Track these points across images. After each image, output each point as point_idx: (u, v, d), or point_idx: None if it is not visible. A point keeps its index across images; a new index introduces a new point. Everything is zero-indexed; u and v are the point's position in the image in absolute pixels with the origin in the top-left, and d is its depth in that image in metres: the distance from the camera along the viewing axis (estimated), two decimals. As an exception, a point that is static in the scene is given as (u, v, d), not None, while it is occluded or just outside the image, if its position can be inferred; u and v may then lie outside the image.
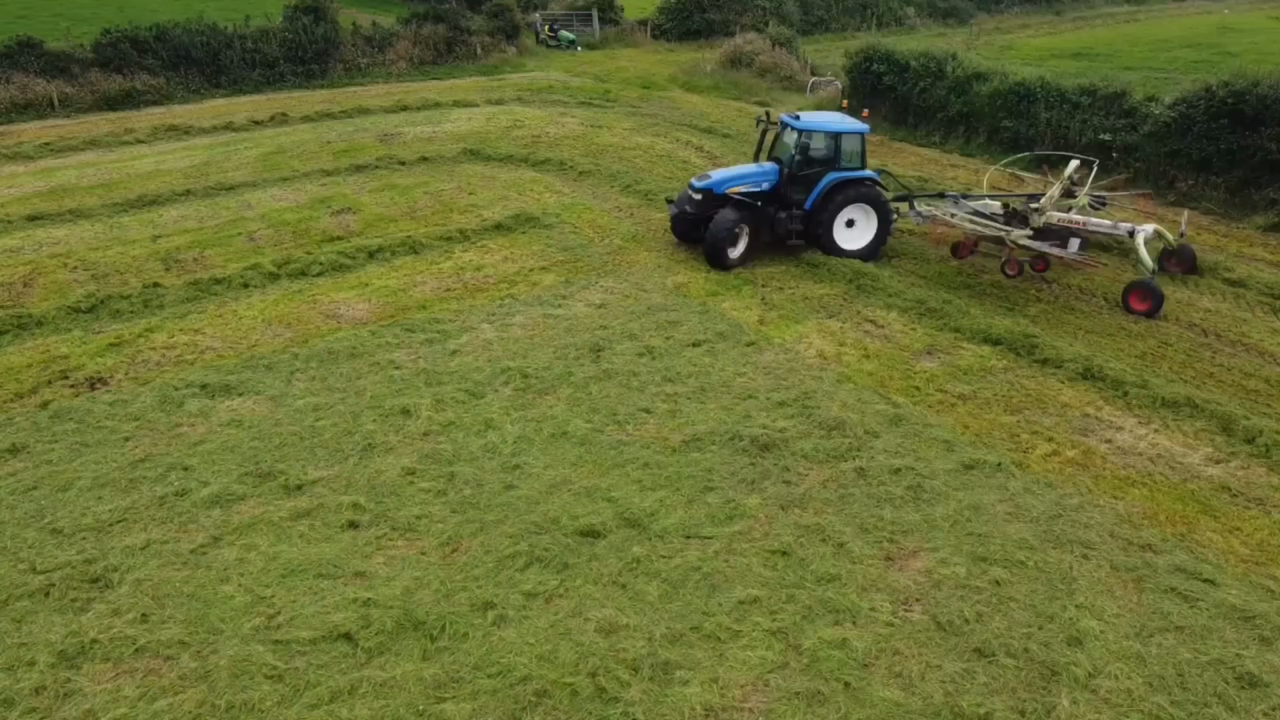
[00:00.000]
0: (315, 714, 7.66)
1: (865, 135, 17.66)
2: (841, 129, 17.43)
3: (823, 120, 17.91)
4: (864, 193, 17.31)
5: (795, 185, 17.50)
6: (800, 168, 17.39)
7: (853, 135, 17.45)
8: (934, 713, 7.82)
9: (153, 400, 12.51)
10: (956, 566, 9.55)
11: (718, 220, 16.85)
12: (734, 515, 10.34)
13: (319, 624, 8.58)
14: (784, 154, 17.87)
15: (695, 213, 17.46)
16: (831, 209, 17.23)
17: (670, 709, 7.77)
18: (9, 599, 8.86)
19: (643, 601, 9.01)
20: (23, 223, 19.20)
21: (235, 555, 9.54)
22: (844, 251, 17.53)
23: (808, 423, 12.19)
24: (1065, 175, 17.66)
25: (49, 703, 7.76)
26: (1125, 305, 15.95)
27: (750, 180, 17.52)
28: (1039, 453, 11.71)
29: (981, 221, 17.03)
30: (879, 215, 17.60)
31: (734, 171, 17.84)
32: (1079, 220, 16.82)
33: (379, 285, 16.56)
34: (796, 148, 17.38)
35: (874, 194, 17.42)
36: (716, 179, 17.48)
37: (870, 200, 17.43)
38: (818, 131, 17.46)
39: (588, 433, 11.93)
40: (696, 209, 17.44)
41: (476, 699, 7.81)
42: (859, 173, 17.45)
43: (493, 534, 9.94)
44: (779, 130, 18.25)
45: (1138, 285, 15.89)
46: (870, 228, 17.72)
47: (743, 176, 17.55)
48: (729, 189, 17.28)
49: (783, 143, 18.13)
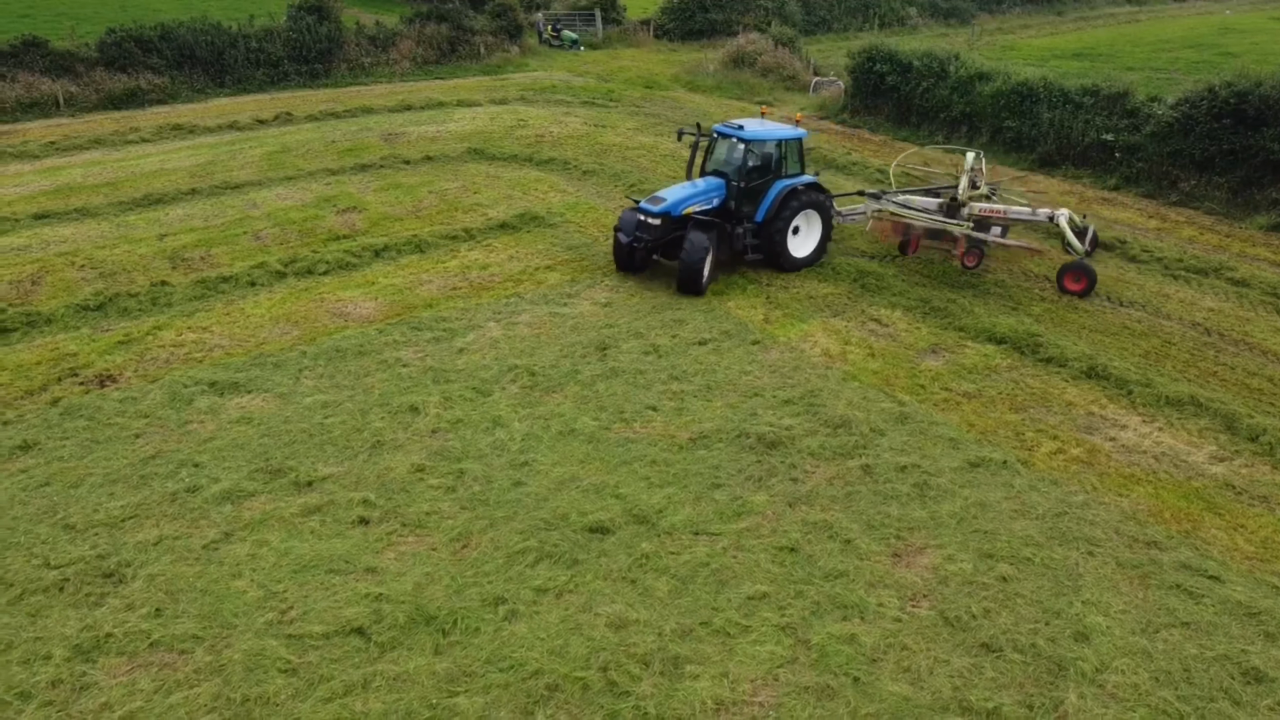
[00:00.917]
0: (329, 707, 7.72)
1: (803, 140, 17.48)
2: (785, 136, 16.99)
3: (767, 129, 17.05)
4: (810, 199, 16.93)
5: (744, 198, 16.75)
6: (750, 179, 16.66)
7: (793, 142, 17.13)
8: (942, 707, 7.88)
9: (162, 398, 12.58)
10: (963, 563, 9.62)
11: (692, 243, 15.77)
12: (741, 512, 10.40)
13: (331, 619, 8.65)
14: (727, 167, 17.09)
15: (653, 239, 16.28)
16: (784, 219, 16.69)
17: (681, 703, 7.83)
18: (24, 594, 8.92)
19: (652, 597, 9.07)
20: (30, 221, 19.26)
21: (247, 551, 9.61)
22: (796, 261, 17.14)
23: (814, 420, 12.26)
24: (968, 166, 17.99)
25: (65, 696, 7.82)
26: (1060, 287, 16.61)
27: (701, 198, 16.54)
28: (1044, 450, 11.78)
29: (933, 218, 17.18)
30: (822, 219, 17.28)
31: (683, 191, 16.68)
32: (1000, 209, 17.34)
33: (385, 284, 16.62)
34: (744, 159, 16.59)
35: (818, 199, 17.08)
36: (672, 200, 16.29)
37: (815, 205, 17.07)
38: (765, 141, 16.82)
39: (595, 430, 12.00)
40: (654, 235, 16.24)
41: (489, 693, 7.88)
42: (802, 178, 17.06)
43: (502, 530, 10.01)
44: (711, 142, 17.49)
45: (1071, 267, 16.57)
46: (815, 233, 17.34)
47: (694, 195, 16.51)
48: (686, 209, 16.27)
49: (722, 155, 17.37)
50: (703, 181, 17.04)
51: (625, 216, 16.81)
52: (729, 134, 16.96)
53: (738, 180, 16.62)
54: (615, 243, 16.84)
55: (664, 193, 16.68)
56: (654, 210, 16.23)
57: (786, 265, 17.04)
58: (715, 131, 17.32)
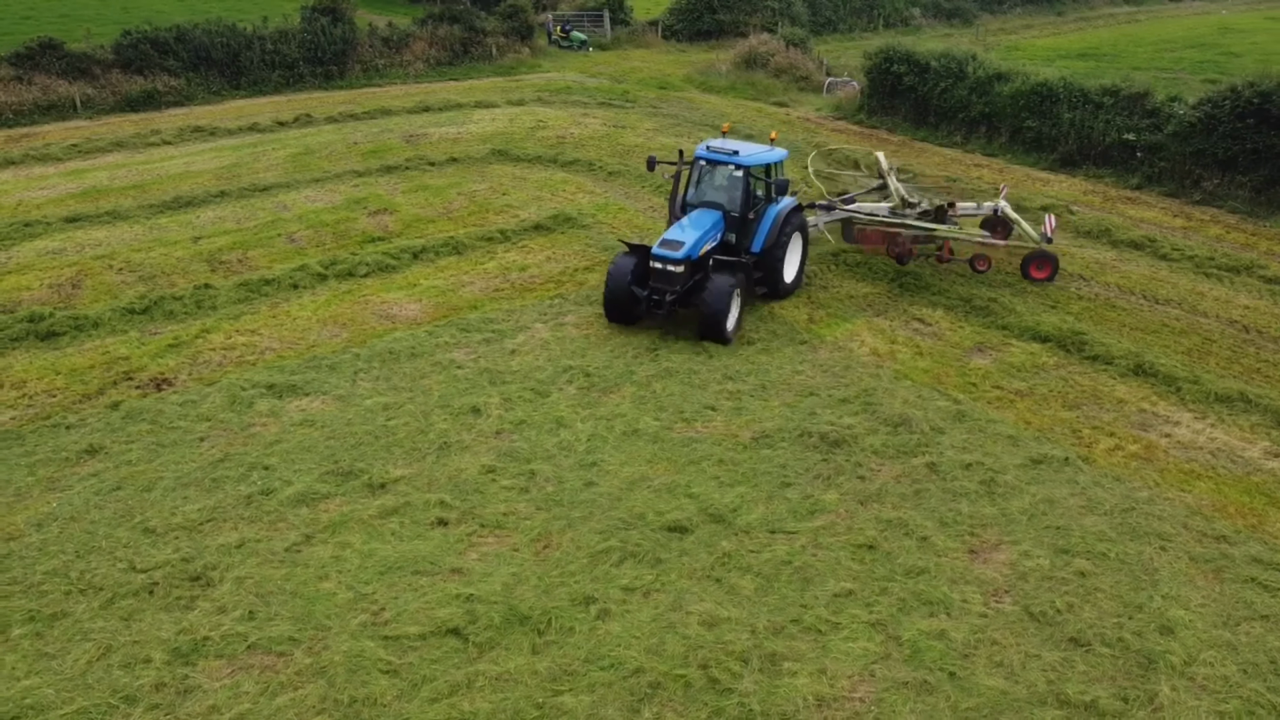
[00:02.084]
0: (436, 708, 7.77)
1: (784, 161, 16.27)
2: (773, 158, 15.65)
3: (759, 153, 15.50)
4: (797, 221, 15.94)
5: (743, 228, 15.39)
6: (749, 208, 15.29)
7: (779, 164, 15.94)
8: (1039, 701, 8.00)
9: (222, 401, 12.58)
10: (1040, 559, 9.74)
11: (716, 287, 14.10)
12: (814, 510, 10.50)
13: (425, 620, 8.69)
14: (720, 196, 15.49)
15: (679, 288, 14.33)
16: (782, 245, 15.50)
17: (783, 699, 7.92)
18: (114, 597, 8.93)
19: (739, 595, 9.16)
20: (61, 224, 19.17)
21: (330, 553, 9.64)
22: (788, 288, 16.08)
23: (873, 419, 12.37)
24: (887, 169, 18.45)
25: (170, 699, 7.84)
26: (1025, 275, 17.08)
27: (712, 234, 14.87)
28: (1102, 447, 11.92)
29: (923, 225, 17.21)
30: (803, 241, 16.42)
31: (691, 230, 14.70)
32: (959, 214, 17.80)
33: (427, 285, 16.65)
34: (744, 186, 15.12)
35: (801, 220, 16.15)
36: (690, 243, 14.38)
37: (800, 227, 16.15)
38: (759, 165, 15.43)
39: (658, 430, 12.07)
40: (679, 283, 14.31)
41: (593, 691, 7.94)
42: (787, 201, 15.79)
43: (581, 530, 10.07)
44: (695, 170, 15.79)
45: (1035, 255, 17.08)
46: (796, 256, 16.35)
47: (706, 233, 14.71)
48: (702, 250, 14.62)
49: (711, 183, 15.73)
50: (697, 216, 15.15)
51: (623, 263, 14.72)
52: (721, 160, 15.33)
53: (737, 209, 15.21)
54: (610, 293, 14.71)
55: (672, 234, 14.64)
56: (676, 256, 14.25)
57: (782, 292, 15.99)
58: (700, 158, 15.59)
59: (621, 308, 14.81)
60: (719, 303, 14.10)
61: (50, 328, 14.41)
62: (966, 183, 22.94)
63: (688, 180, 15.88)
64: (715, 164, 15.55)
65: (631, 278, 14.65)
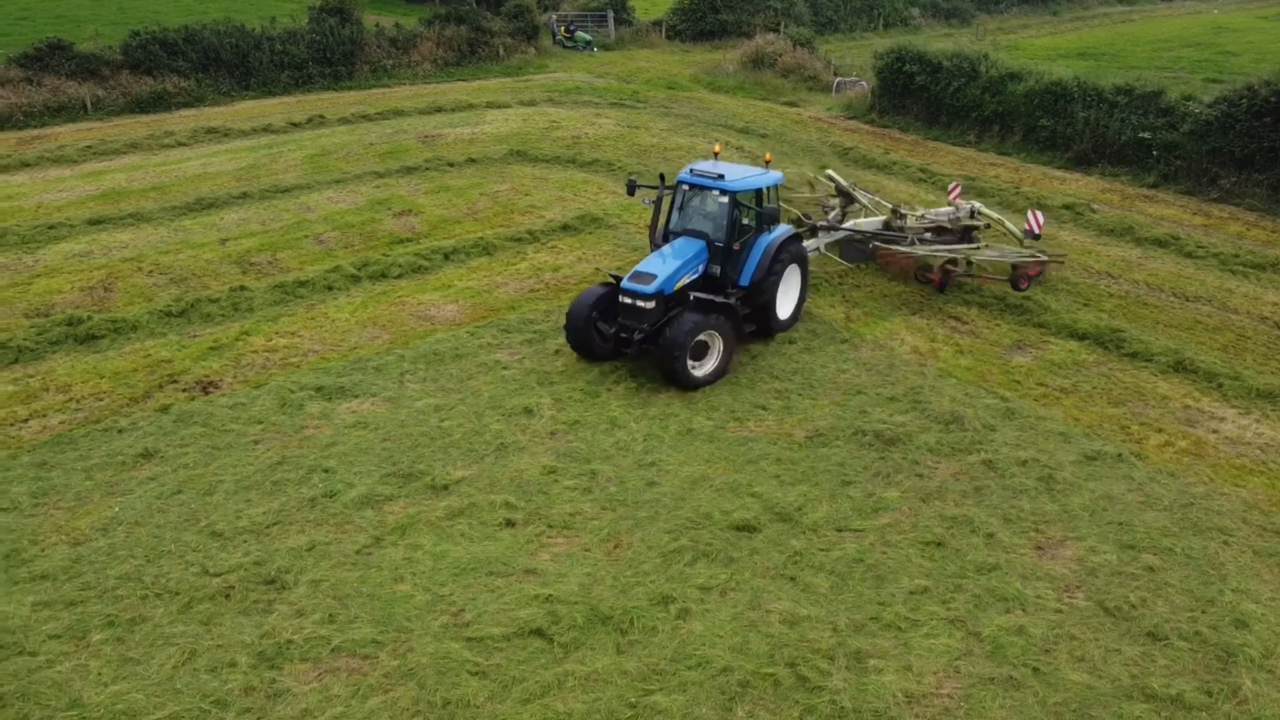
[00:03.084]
0: (530, 709, 7.77)
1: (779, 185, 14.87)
2: (765, 183, 14.22)
3: (744, 175, 14.06)
4: (794, 252, 14.47)
5: (729, 259, 13.89)
6: (736, 237, 13.82)
7: (773, 189, 14.53)
8: (1125, 695, 8.07)
9: (272, 403, 12.51)
10: (1107, 554, 9.83)
11: (678, 327, 12.59)
12: (878, 508, 10.55)
13: (507, 620, 8.68)
14: (704, 224, 14.04)
15: (648, 325, 12.98)
16: (774, 279, 14.01)
17: (873, 696, 7.96)
18: (191, 601, 8.88)
19: (815, 593, 9.19)
20: (85, 226, 19.01)
21: (401, 555, 9.61)
22: (783, 325, 14.62)
23: (923, 417, 12.43)
24: (849, 185, 17.92)
25: (261, 703, 7.80)
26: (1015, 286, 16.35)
27: (690, 266, 13.45)
28: (1152, 443, 12.03)
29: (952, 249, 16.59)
30: (802, 273, 14.86)
31: (667, 262, 13.39)
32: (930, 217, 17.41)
33: (461, 286, 16.61)
34: (730, 214, 13.60)
35: (800, 251, 14.70)
36: (664, 276, 13.06)
37: (798, 259, 14.64)
38: (749, 191, 14.00)
39: (712, 430, 12.10)
40: (649, 320, 12.95)
41: (685, 690, 7.96)
42: (782, 229, 14.42)
43: (649, 530, 10.08)
44: (677, 194, 14.41)
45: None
46: (794, 289, 14.81)
47: (683, 265, 13.34)
48: (676, 285, 13.24)
49: (696, 209, 14.26)
50: (679, 246, 13.79)
51: (588, 294, 13.52)
52: (705, 185, 13.83)
53: (722, 239, 13.69)
54: (572, 327, 13.41)
55: (646, 266, 13.35)
56: (645, 291, 12.88)
57: (774, 329, 14.47)
58: (682, 182, 14.17)
59: (583, 341, 13.44)
60: (677, 342, 12.48)
61: (89, 331, 14.30)
62: (984, 181, 23.08)
63: (670, 206, 14.53)
64: (699, 189, 14.04)
65: (595, 311, 13.34)
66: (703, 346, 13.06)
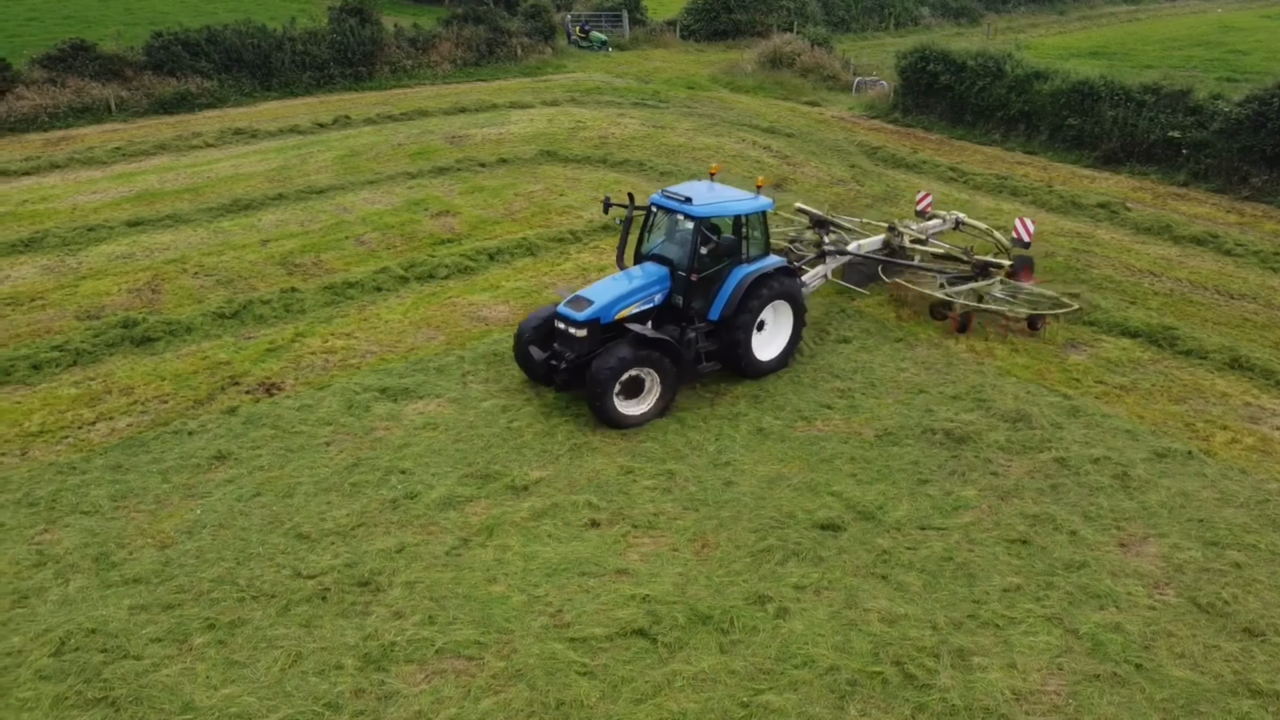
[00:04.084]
0: (643, 709, 7.77)
1: (768, 212, 13.37)
2: (744, 209, 12.85)
3: (719, 199, 12.80)
4: (779, 287, 13.12)
5: (694, 291, 12.73)
6: (702, 268, 12.58)
7: (756, 216, 13.12)
8: (1230, 691, 8.11)
9: (338, 405, 12.49)
10: (1191, 551, 9.87)
11: (603, 361, 11.69)
12: (957, 507, 10.58)
13: (607, 621, 8.68)
14: (671, 251, 13.03)
15: (577, 354, 12.13)
16: (748, 316, 12.79)
17: (981, 693, 7.98)
18: (289, 604, 8.86)
19: (908, 592, 9.22)
20: (123, 228, 18.94)
21: (491, 556, 9.61)
22: (760, 366, 13.27)
23: (990, 416, 12.47)
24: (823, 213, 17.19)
25: (373, 705, 7.80)
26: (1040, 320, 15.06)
27: (641, 294, 12.48)
28: (1219, 440, 12.08)
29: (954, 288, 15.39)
30: (794, 311, 13.48)
31: (616, 286, 12.58)
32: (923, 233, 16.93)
33: (510, 287, 16.60)
34: (693, 242, 12.36)
35: (790, 287, 13.36)
36: (602, 301, 12.18)
37: (786, 295, 13.28)
38: (719, 216, 12.71)
39: (782, 429, 12.12)
40: (579, 349, 12.11)
41: (796, 689, 7.97)
42: (767, 261, 13.21)
43: (734, 530, 10.09)
44: (647, 216, 13.40)
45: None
46: (784, 329, 13.52)
47: (632, 292, 12.43)
48: (621, 312, 12.28)
49: (664, 235, 13.39)
50: (640, 271, 12.96)
51: (534, 317, 12.94)
52: (672, 207, 12.78)
53: (686, 269, 12.56)
54: (518, 352, 12.84)
55: (592, 290, 12.62)
56: (576, 317, 12.06)
57: (750, 371, 13.19)
58: (653, 203, 13.16)
59: (524, 362, 12.88)
60: (599, 379, 11.62)
61: (145, 333, 14.26)
62: (1015, 181, 23.13)
63: (642, 228, 13.57)
64: (669, 212, 12.97)
65: (533, 334, 12.67)
66: (636, 383, 12.01)
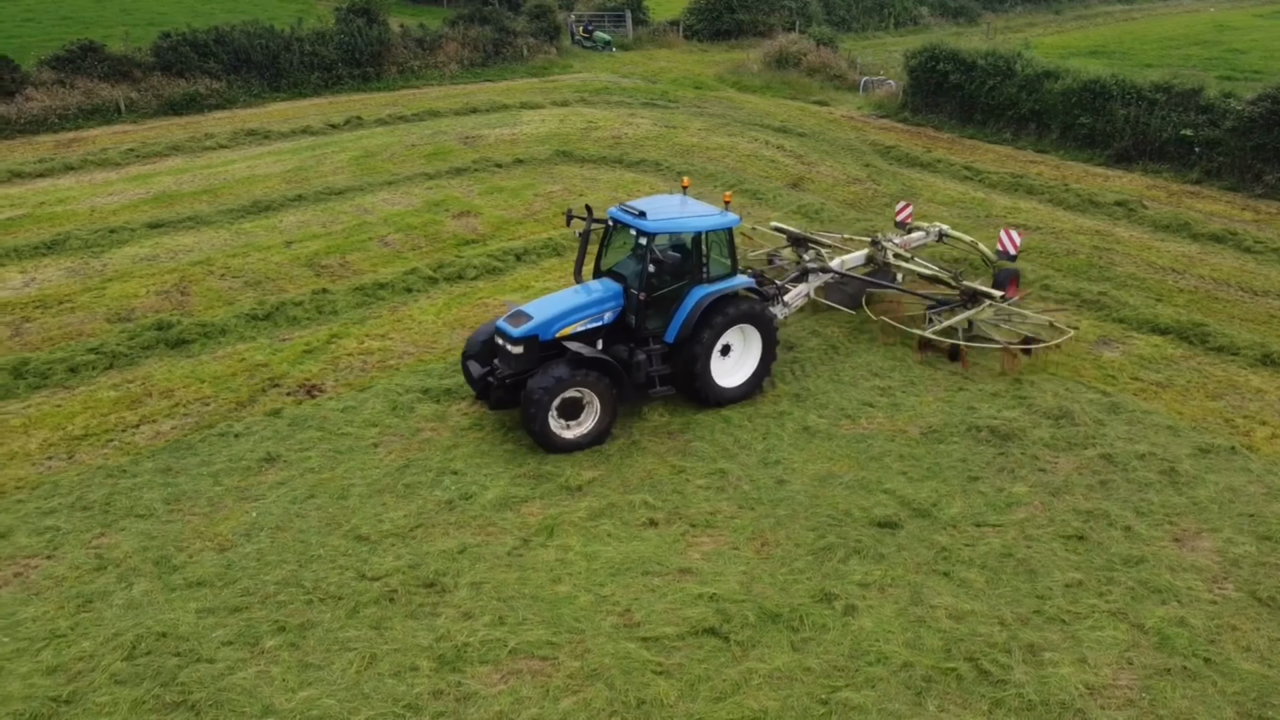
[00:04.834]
0: (723, 707, 7.79)
1: (735, 229, 12.68)
2: (705, 225, 12.10)
3: (678, 215, 12.13)
4: (744, 310, 12.41)
5: (649, 310, 12.11)
6: (654, 287, 11.94)
7: (720, 232, 12.44)
8: (1299, 683, 8.19)
9: (382, 406, 12.46)
10: (1245, 545, 9.96)
11: (538, 381, 11.13)
12: (1010, 503, 10.64)
13: (678, 620, 8.70)
14: (627, 267, 12.49)
15: (513, 372, 11.54)
16: (707, 338, 12.08)
17: (1056, 688, 8.03)
18: (357, 606, 8.84)
19: (972, 588, 9.27)
20: (145, 230, 18.83)
21: (553, 556, 9.60)
22: (722, 393, 12.53)
23: (1031, 413, 12.54)
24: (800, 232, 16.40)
25: (452, 706, 7.78)
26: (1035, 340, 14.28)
27: (587, 311, 11.92)
28: (1260, 436, 12.19)
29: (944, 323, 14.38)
30: (763, 336, 12.72)
31: (563, 302, 12.07)
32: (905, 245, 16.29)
33: (540, 288, 16.54)
34: (646, 259, 11.69)
35: (756, 310, 12.65)
36: (543, 318, 11.64)
37: (752, 318, 12.54)
38: (674, 233, 12.07)
39: (827, 427, 12.16)
40: (515, 367, 11.51)
41: (874, 686, 8.01)
42: (732, 282, 12.48)
43: (792, 528, 10.12)
44: (606, 230, 12.82)
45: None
46: (751, 354, 12.80)
47: (577, 309, 11.89)
48: (562, 330, 11.73)
49: (620, 251, 12.79)
50: (595, 286, 12.41)
51: (484, 329, 12.43)
52: (626, 221, 12.12)
53: (639, 288, 11.89)
54: (464, 370, 12.53)
55: (534, 304, 12.14)
56: (512, 333, 11.48)
57: (709, 398, 12.41)
58: (611, 217, 12.60)
59: (468, 379, 12.49)
60: (533, 399, 11.07)
61: (180, 335, 14.19)
62: (1030, 179, 23.25)
63: (601, 242, 13.04)
64: (624, 227, 12.34)
65: (479, 348, 12.20)
66: (574, 404, 11.49)
